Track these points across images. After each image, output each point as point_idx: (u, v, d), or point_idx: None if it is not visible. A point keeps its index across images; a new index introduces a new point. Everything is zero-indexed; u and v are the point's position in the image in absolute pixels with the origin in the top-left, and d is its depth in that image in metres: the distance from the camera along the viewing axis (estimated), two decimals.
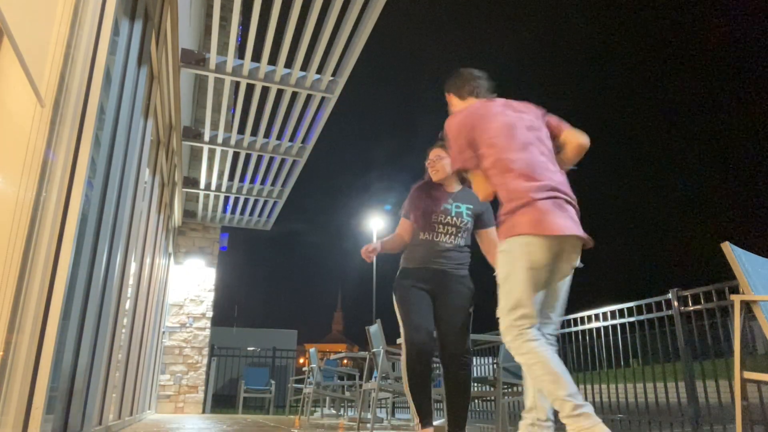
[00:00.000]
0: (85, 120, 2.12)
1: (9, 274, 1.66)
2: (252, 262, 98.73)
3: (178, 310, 9.27)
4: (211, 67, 5.24)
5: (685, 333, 4.90)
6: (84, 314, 2.77)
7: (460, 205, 2.94)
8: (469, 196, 3.00)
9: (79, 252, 2.66)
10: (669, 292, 5.04)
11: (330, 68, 5.34)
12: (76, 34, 2.04)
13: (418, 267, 2.88)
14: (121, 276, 3.73)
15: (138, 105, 3.52)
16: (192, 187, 8.07)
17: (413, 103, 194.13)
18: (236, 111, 6.08)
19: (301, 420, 7.04)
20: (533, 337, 1.95)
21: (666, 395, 5.04)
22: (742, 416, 2.15)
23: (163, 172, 6.02)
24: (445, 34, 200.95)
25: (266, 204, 8.91)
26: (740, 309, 2.22)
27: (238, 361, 12.81)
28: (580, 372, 6.17)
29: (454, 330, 2.77)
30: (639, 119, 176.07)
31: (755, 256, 2.44)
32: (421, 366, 2.69)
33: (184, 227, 9.62)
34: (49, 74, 1.82)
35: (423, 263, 2.87)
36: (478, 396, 6.69)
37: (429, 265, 2.85)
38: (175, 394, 8.90)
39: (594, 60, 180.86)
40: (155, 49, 4.00)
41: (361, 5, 4.55)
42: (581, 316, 6.12)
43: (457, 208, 2.93)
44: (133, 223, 3.91)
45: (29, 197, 1.77)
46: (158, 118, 5.02)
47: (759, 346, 10.70)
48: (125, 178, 3.36)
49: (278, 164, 7.37)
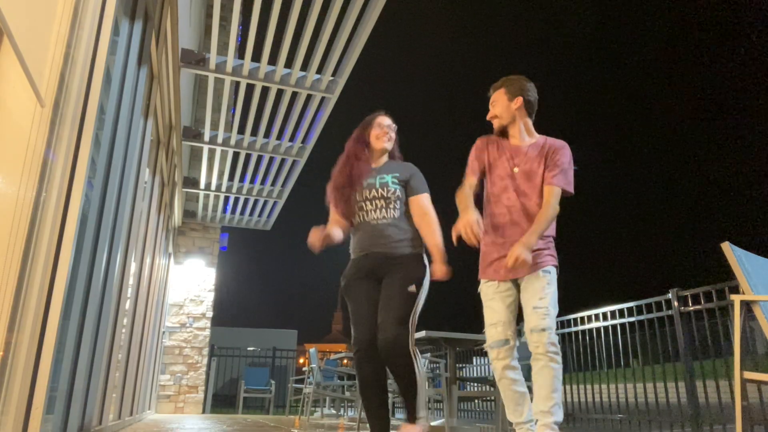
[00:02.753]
0: (85, 120, 2.12)
1: (9, 274, 1.65)
2: (252, 262, 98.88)
3: (178, 310, 9.27)
4: (211, 67, 5.24)
5: (685, 333, 4.90)
6: (84, 314, 2.77)
7: (384, 175, 2.71)
8: (394, 166, 2.78)
9: (79, 252, 2.66)
10: (669, 292, 5.04)
11: (330, 68, 5.34)
12: (76, 34, 2.04)
13: (359, 256, 2.67)
14: (121, 276, 3.73)
15: (138, 105, 3.52)
16: (192, 187, 8.07)
17: (413, 103, 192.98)
18: (236, 111, 6.08)
19: (301, 420, 7.04)
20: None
21: (666, 395, 5.04)
22: (742, 416, 2.15)
23: (163, 172, 6.02)
24: (445, 33, 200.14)
25: (266, 204, 8.91)
26: (740, 309, 2.22)
27: (238, 361, 12.81)
28: (580, 372, 6.17)
29: (384, 314, 2.47)
30: (639, 119, 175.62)
31: (755, 256, 2.44)
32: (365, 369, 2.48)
33: (184, 227, 9.62)
34: (49, 74, 1.82)
35: (363, 249, 2.65)
36: (478, 396, 6.70)
37: (370, 249, 2.63)
38: (175, 394, 8.89)
39: (593, 54, 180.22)
40: (155, 49, 4.00)
41: (361, 5, 4.55)
42: (581, 316, 6.12)
43: (381, 178, 2.70)
44: (133, 223, 3.91)
45: (29, 197, 1.77)
46: (158, 118, 5.02)
47: (759, 346, 10.70)
48: (125, 178, 3.35)
49: (278, 164, 7.37)
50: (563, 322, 6.37)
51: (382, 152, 2.80)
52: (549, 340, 2.19)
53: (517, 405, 2.28)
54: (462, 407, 8.55)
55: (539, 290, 2.28)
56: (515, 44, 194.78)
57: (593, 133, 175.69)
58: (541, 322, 2.21)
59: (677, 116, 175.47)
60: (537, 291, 2.28)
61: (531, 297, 2.28)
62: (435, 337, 4.14)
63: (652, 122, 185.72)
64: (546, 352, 2.18)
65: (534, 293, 2.28)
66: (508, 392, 2.29)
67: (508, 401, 2.29)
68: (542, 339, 2.19)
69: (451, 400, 4.10)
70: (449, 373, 4.16)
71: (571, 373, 6.23)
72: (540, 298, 2.26)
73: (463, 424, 6.62)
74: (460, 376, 6.51)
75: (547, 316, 2.22)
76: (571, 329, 6.25)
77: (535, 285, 2.30)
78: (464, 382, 6.38)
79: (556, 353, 2.19)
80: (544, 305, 2.24)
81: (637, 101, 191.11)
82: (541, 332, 2.20)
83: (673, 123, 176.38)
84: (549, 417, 2.15)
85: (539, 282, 2.29)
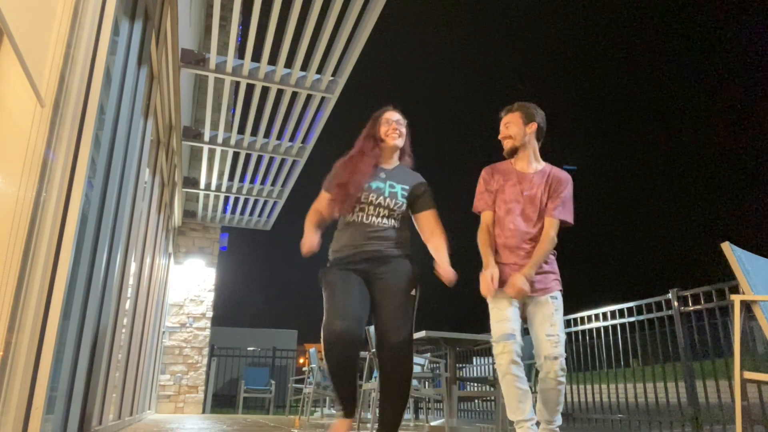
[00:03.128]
0: (85, 120, 2.11)
1: (9, 274, 1.66)
2: (252, 262, 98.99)
3: (178, 310, 9.27)
4: (211, 67, 5.24)
5: (685, 333, 4.90)
6: (84, 314, 2.77)
7: (395, 184, 2.57)
8: (405, 175, 2.63)
9: (79, 252, 2.66)
10: (669, 292, 5.04)
11: (330, 68, 5.34)
12: (76, 34, 2.03)
13: (348, 254, 2.47)
14: (121, 276, 3.73)
15: (138, 105, 3.52)
16: (192, 187, 8.07)
17: (413, 103, 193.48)
18: (236, 111, 6.08)
19: (301, 420, 7.04)
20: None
21: (666, 395, 5.04)
22: (742, 416, 2.15)
23: (163, 172, 6.02)
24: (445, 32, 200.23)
25: (266, 204, 8.91)
26: (740, 309, 2.22)
27: (238, 361, 12.80)
28: (580, 372, 6.17)
29: (392, 315, 2.38)
30: (639, 118, 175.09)
31: (755, 256, 2.44)
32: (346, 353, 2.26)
33: (184, 227, 9.62)
34: (49, 74, 1.82)
35: (354, 247, 2.46)
36: (478, 396, 6.70)
37: (362, 247, 2.46)
38: (175, 394, 8.89)
39: (590, 55, 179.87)
40: (155, 49, 4.00)
41: (361, 5, 4.55)
42: (581, 316, 6.12)
43: (392, 188, 2.55)
44: (133, 223, 3.91)
45: (29, 197, 1.77)
46: (158, 118, 5.02)
47: (759, 346, 10.69)
48: (125, 178, 3.35)
49: (278, 164, 7.37)
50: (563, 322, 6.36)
51: (393, 150, 2.63)
52: (560, 366, 2.34)
53: (519, 402, 2.34)
54: (462, 407, 8.55)
55: (549, 317, 2.42)
56: (518, 46, 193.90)
57: (594, 131, 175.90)
58: (554, 350, 2.34)
59: (677, 116, 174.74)
60: (547, 317, 2.42)
61: (541, 323, 2.42)
62: (435, 337, 4.14)
63: (653, 121, 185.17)
64: (557, 377, 2.33)
65: (544, 319, 2.42)
66: (512, 389, 2.34)
67: (511, 398, 2.35)
68: (554, 366, 2.33)
69: (451, 400, 4.10)
70: (449, 373, 4.16)
71: (572, 373, 6.23)
72: (551, 325, 2.40)
73: (463, 424, 6.62)
74: (460, 376, 6.51)
75: (559, 343, 2.36)
76: (571, 329, 6.25)
77: (544, 311, 2.44)
78: (464, 382, 6.38)
79: (564, 376, 2.35)
80: (555, 332, 2.38)
81: (637, 100, 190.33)
82: (554, 360, 2.33)
83: (674, 122, 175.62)
84: (553, 424, 2.41)
85: (548, 308, 2.44)
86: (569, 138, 27.56)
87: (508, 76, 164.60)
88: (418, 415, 8.67)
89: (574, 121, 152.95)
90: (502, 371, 2.36)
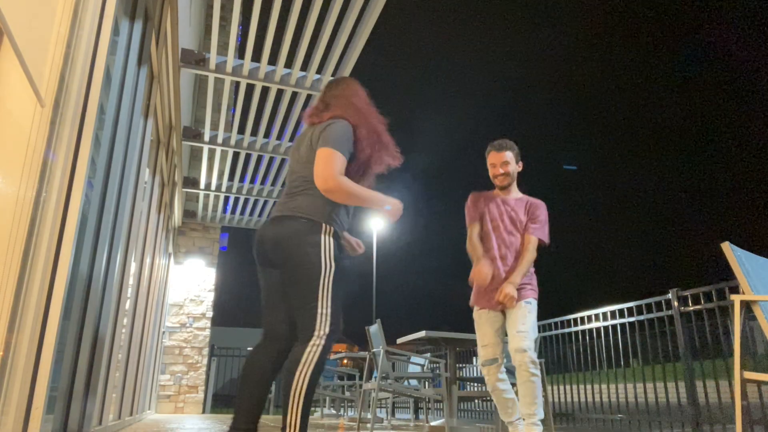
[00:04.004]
0: (85, 120, 2.12)
1: (9, 274, 1.66)
2: (252, 262, 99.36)
3: (178, 310, 9.27)
4: (211, 67, 5.24)
5: (685, 333, 4.90)
6: (84, 314, 2.77)
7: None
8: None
9: (79, 252, 2.66)
10: (669, 292, 5.04)
11: (330, 68, 5.34)
12: (76, 34, 2.03)
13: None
14: (121, 276, 3.73)
15: (138, 105, 3.52)
16: (192, 187, 8.07)
17: (413, 103, 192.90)
18: (236, 111, 6.08)
19: None
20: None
21: (666, 395, 5.04)
22: (742, 416, 2.15)
23: (163, 172, 6.02)
24: (445, 31, 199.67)
25: (266, 204, 8.91)
26: (740, 309, 2.22)
27: (238, 361, 12.80)
28: (580, 372, 6.17)
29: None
30: (639, 118, 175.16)
31: (755, 256, 2.44)
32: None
33: (184, 227, 9.62)
34: (49, 74, 1.82)
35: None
36: (478, 396, 6.69)
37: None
38: (175, 394, 8.90)
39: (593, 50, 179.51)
40: (155, 49, 4.00)
41: (361, 5, 4.55)
42: (581, 316, 6.12)
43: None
44: (133, 223, 3.91)
45: (29, 197, 1.77)
46: (158, 118, 5.02)
47: (759, 346, 10.70)
48: (125, 178, 3.36)
49: (278, 164, 7.37)
50: (563, 322, 6.37)
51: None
52: (529, 359, 2.68)
53: (507, 408, 2.86)
54: (462, 407, 8.55)
55: (521, 317, 2.79)
56: (520, 47, 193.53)
57: (594, 131, 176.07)
58: (522, 343, 2.70)
59: (677, 115, 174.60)
60: (519, 318, 2.80)
61: (514, 322, 2.80)
62: (435, 337, 4.14)
63: (653, 121, 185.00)
64: (527, 369, 2.67)
65: (516, 319, 2.80)
66: (500, 400, 2.87)
67: (501, 406, 2.89)
68: (524, 358, 2.68)
69: (451, 400, 4.10)
70: (449, 373, 4.17)
71: (572, 373, 6.23)
72: (522, 323, 2.77)
73: (463, 424, 6.62)
74: (460, 376, 6.51)
75: (527, 338, 2.71)
76: (571, 329, 6.26)
77: (517, 313, 2.82)
78: (464, 382, 6.38)
79: (536, 368, 2.69)
80: (525, 329, 2.75)
81: (637, 100, 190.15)
82: (523, 352, 2.68)
83: (674, 122, 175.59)
84: (533, 417, 2.73)
85: (521, 311, 2.82)
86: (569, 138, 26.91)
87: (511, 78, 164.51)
88: (418, 415, 8.67)
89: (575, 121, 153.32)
90: (490, 388, 2.86)
